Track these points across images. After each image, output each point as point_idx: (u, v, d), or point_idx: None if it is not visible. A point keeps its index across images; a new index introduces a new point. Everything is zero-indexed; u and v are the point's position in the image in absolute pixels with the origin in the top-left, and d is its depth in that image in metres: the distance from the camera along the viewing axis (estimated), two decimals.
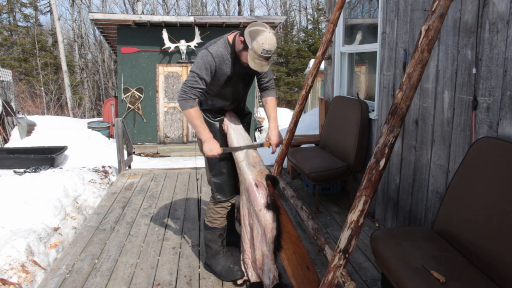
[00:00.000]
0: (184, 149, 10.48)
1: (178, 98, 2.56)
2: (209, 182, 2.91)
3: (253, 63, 2.41)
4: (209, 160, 2.80)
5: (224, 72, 2.61)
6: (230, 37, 2.60)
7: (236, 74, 2.63)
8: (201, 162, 7.67)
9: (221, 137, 2.82)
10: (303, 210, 3.33)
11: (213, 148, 2.59)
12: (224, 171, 2.82)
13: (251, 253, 2.74)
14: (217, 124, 2.82)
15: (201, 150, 2.85)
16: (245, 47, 2.44)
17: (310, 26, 24.05)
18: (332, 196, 4.67)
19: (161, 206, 4.53)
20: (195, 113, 2.56)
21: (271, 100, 2.86)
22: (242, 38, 2.45)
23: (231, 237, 3.30)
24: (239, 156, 2.69)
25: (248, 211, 2.70)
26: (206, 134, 2.60)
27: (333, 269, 2.10)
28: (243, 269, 2.88)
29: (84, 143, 8.04)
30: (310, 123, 7.25)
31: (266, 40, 2.35)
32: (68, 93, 18.86)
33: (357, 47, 4.93)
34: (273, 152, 2.86)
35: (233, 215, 3.30)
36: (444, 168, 2.89)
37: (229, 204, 2.91)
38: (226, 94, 2.74)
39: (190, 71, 2.55)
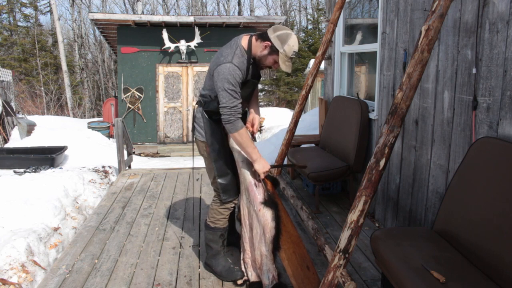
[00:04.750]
0: (184, 149, 10.49)
1: (224, 122, 2.51)
2: (212, 183, 2.90)
3: (284, 66, 2.49)
4: (215, 162, 2.80)
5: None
6: (244, 43, 2.59)
7: (247, 79, 2.65)
8: (200, 162, 7.66)
9: (222, 137, 2.82)
10: (303, 210, 3.33)
11: (265, 165, 2.60)
12: (229, 172, 2.83)
13: (251, 252, 2.75)
14: (219, 124, 2.82)
15: (200, 150, 2.86)
16: (273, 51, 2.49)
17: (310, 26, 24.03)
18: (332, 196, 4.67)
19: (161, 206, 4.53)
20: (245, 132, 2.57)
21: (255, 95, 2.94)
22: (269, 43, 2.48)
23: (232, 237, 3.30)
24: (240, 156, 2.70)
25: (248, 210, 2.70)
26: (256, 153, 2.59)
27: (333, 269, 2.11)
28: (243, 268, 2.88)
29: (84, 143, 8.05)
30: (310, 123, 7.25)
31: (295, 42, 2.47)
32: (68, 93, 18.87)
33: (357, 47, 4.93)
34: (253, 133, 2.86)
35: (233, 215, 3.30)
36: (444, 168, 2.89)
37: (233, 205, 2.91)
38: None
39: (223, 89, 2.46)
